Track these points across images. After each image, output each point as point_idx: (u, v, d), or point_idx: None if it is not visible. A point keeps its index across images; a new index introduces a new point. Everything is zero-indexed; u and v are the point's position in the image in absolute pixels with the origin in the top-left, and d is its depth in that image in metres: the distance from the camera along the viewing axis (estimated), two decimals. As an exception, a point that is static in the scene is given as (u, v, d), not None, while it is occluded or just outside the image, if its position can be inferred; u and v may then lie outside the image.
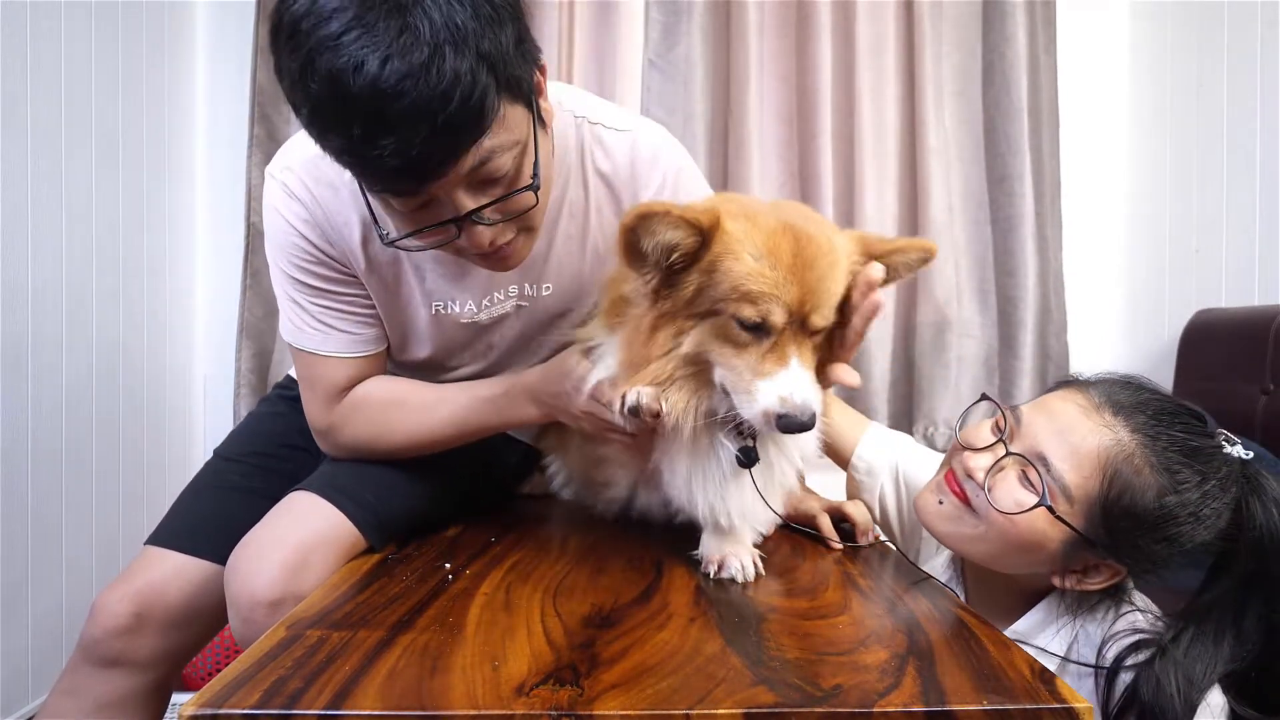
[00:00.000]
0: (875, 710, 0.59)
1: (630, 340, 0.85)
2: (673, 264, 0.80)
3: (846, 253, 0.83)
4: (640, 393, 0.83)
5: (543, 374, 1.02)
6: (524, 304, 1.13)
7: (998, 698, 0.61)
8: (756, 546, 0.96)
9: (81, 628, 1.09)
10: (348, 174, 1.01)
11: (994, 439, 0.94)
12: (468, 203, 0.85)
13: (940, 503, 0.95)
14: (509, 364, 1.19)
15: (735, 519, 0.90)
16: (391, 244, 0.92)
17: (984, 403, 1.04)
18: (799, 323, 0.79)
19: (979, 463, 0.92)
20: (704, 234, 0.78)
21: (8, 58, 1.58)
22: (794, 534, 1.11)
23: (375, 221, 0.95)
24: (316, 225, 1.02)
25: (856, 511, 1.13)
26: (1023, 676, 0.65)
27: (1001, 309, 2.25)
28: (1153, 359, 2.22)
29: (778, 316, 0.77)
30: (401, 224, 0.90)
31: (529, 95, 0.87)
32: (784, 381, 0.77)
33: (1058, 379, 1.03)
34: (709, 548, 0.94)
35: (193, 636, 1.14)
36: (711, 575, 0.91)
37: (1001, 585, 0.99)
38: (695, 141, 2.16)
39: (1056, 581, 0.93)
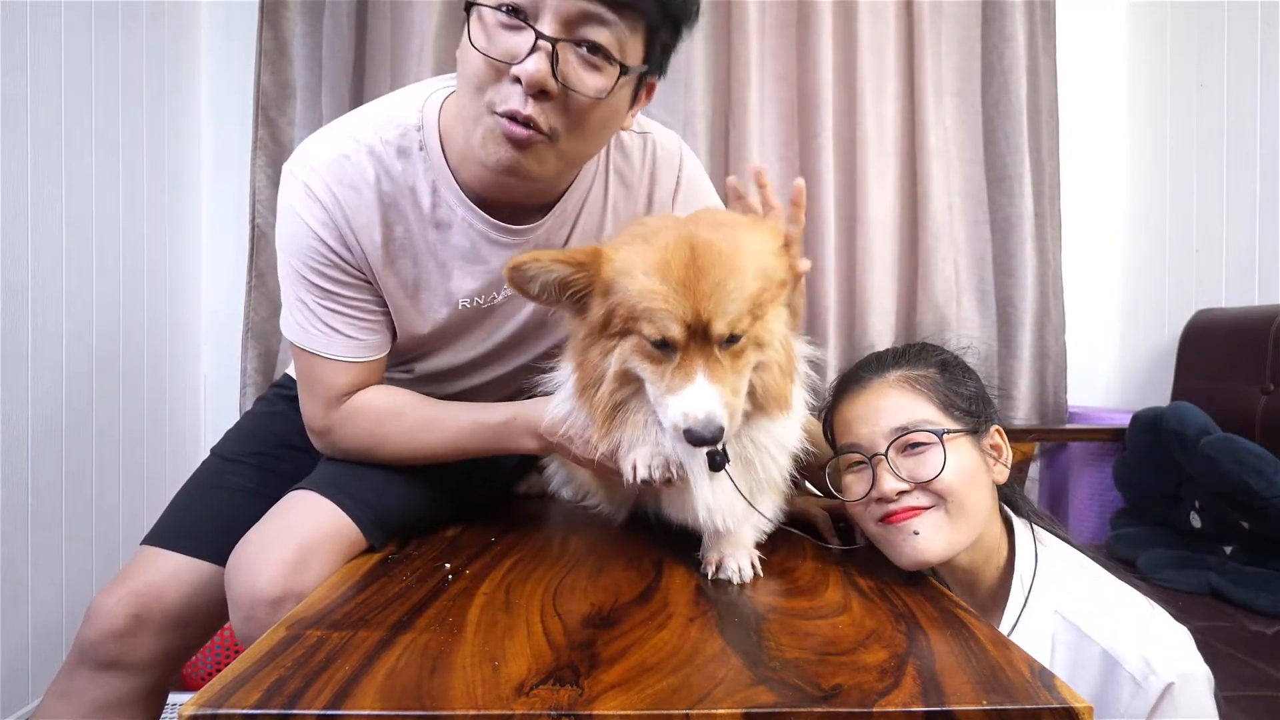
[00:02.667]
0: (875, 710, 0.59)
1: (573, 364, 0.88)
2: (573, 295, 0.84)
3: (761, 253, 0.82)
4: (650, 467, 0.85)
5: (544, 411, 1.00)
6: None
7: (998, 697, 0.61)
8: (758, 546, 0.96)
9: (77, 630, 1.08)
10: (371, 174, 1.02)
11: (863, 469, 1.00)
12: (566, 28, 0.88)
13: (916, 533, 0.95)
14: (502, 356, 1.19)
15: (730, 522, 0.91)
16: (471, 6, 0.92)
17: (834, 463, 1.07)
18: (702, 333, 0.78)
19: (888, 484, 0.95)
20: (585, 266, 0.81)
21: (8, 58, 1.58)
22: (793, 534, 1.11)
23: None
24: (335, 228, 1.02)
25: (856, 511, 1.13)
26: (1022, 676, 0.65)
27: (1001, 309, 2.25)
28: (1153, 359, 2.22)
29: (675, 331, 0.77)
30: (481, 30, 0.91)
31: (654, 66, 0.97)
32: (688, 397, 0.77)
33: (817, 408, 1.07)
34: (707, 548, 0.94)
35: (190, 638, 1.14)
36: (710, 576, 0.91)
37: (973, 586, 1.03)
38: (695, 141, 2.17)
39: (997, 478, 1.01)
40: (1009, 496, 1.07)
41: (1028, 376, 2.23)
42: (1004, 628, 0.95)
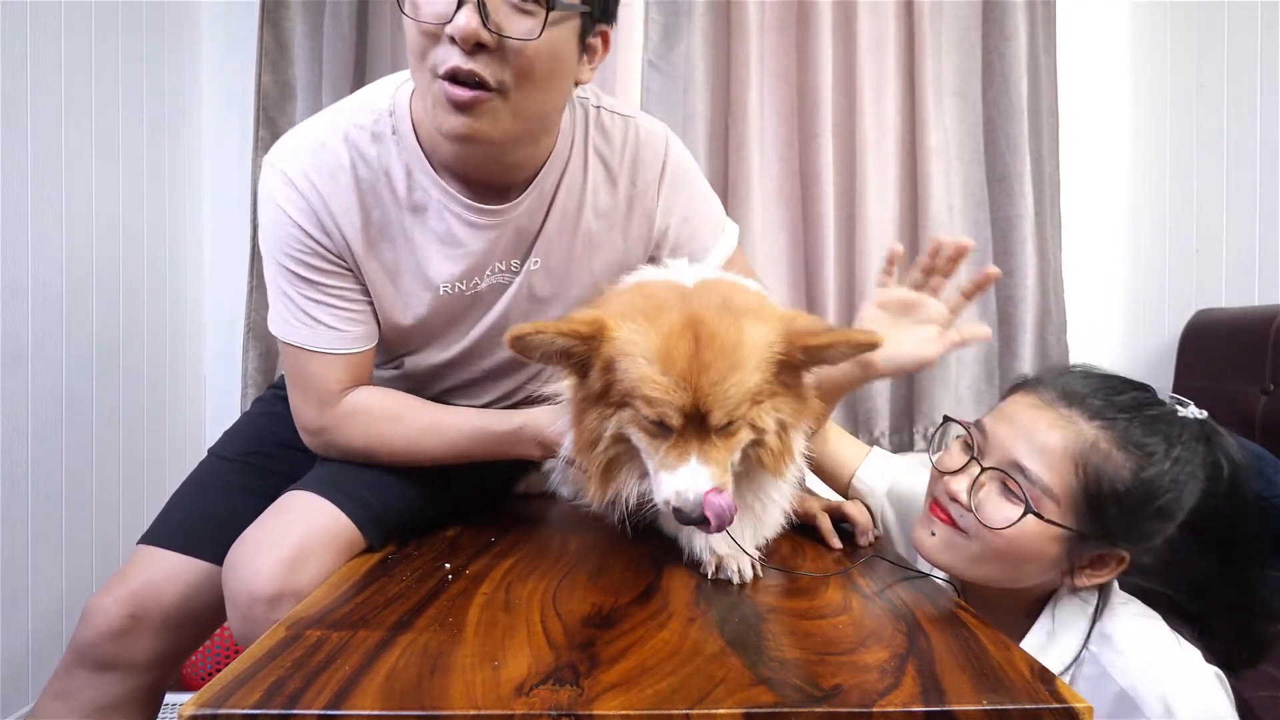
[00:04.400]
0: (875, 710, 0.59)
1: (573, 420, 0.89)
2: (574, 361, 0.84)
3: (761, 345, 0.81)
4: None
5: (552, 421, 1.01)
6: (515, 277, 1.13)
7: (998, 698, 0.61)
8: (758, 548, 0.96)
9: (73, 630, 1.08)
10: (346, 160, 1.02)
11: (966, 458, 0.94)
12: None
13: (933, 534, 0.94)
14: (489, 350, 1.18)
15: (723, 546, 0.92)
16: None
17: (951, 424, 1.04)
18: (699, 420, 0.80)
19: (958, 485, 0.92)
20: (587, 340, 0.81)
21: (8, 58, 1.58)
22: (793, 534, 1.11)
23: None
24: (314, 214, 1.02)
25: (856, 511, 1.13)
26: (1023, 676, 0.65)
27: (1001, 309, 2.25)
28: (1153, 359, 2.22)
29: (674, 419, 0.79)
30: (411, 1, 0.91)
31: (596, 8, 0.96)
32: (680, 477, 0.80)
33: (1011, 383, 1.03)
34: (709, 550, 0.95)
35: (188, 638, 1.14)
36: (710, 576, 0.91)
37: (1001, 603, 0.97)
38: (695, 141, 2.17)
39: (1068, 582, 0.92)
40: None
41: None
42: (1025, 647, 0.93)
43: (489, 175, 1.05)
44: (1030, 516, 0.86)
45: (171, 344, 2.14)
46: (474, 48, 0.89)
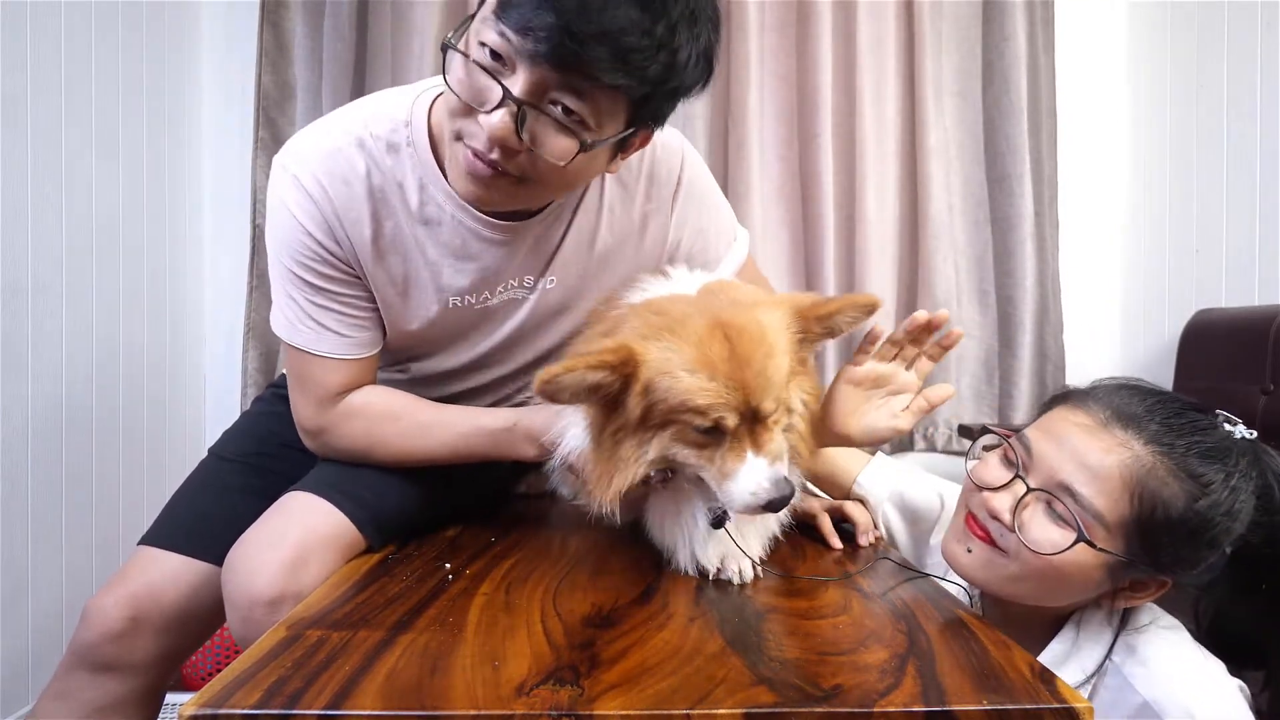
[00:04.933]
0: (875, 710, 0.59)
1: (595, 455, 0.86)
2: (606, 396, 0.82)
3: (782, 330, 0.85)
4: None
5: (546, 420, 1.00)
6: (529, 295, 1.13)
7: (998, 698, 0.61)
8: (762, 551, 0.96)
9: (73, 631, 1.08)
10: (361, 167, 1.01)
11: (1008, 473, 0.90)
12: (535, 94, 0.85)
13: (969, 551, 0.91)
14: (499, 359, 1.18)
15: (715, 561, 0.91)
16: (446, 48, 0.89)
17: (987, 433, 1.00)
18: (752, 415, 0.81)
19: (1001, 504, 0.88)
20: (617, 369, 0.79)
21: (8, 58, 1.58)
22: (794, 534, 1.10)
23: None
24: (325, 222, 1.01)
25: (857, 511, 1.13)
26: (1023, 676, 0.65)
27: (1001, 309, 2.25)
28: (1153, 359, 2.22)
29: (730, 420, 0.80)
30: (460, 65, 0.88)
31: (642, 126, 0.94)
32: (749, 476, 0.81)
33: (1053, 394, 1.00)
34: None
35: (188, 639, 1.14)
36: (710, 576, 0.91)
37: (1022, 614, 0.95)
38: (695, 141, 2.16)
39: (1107, 604, 0.90)
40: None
41: (1028, 376, 2.23)
42: (1044, 659, 0.91)
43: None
44: (1088, 549, 0.83)
45: (171, 344, 2.14)
46: (502, 147, 0.88)
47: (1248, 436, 0.89)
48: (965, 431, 2.20)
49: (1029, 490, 0.87)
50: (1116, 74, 2.35)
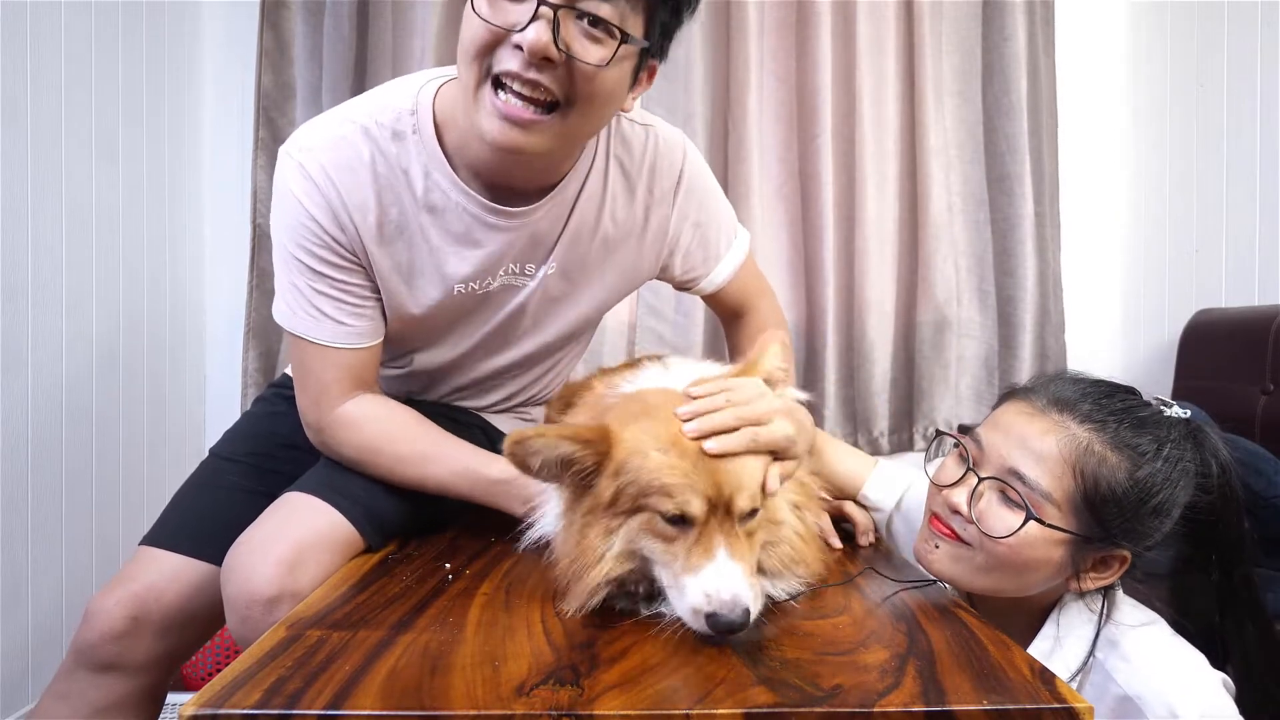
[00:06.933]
0: (875, 710, 0.59)
1: (565, 542, 0.82)
2: (578, 473, 0.79)
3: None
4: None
5: (542, 486, 0.98)
6: (530, 280, 1.13)
7: (998, 698, 0.61)
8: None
9: (75, 631, 1.08)
10: (366, 154, 1.02)
11: (962, 469, 0.94)
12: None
13: (936, 547, 0.94)
14: (491, 350, 1.19)
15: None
16: None
17: (944, 439, 1.03)
18: (724, 509, 0.76)
19: (957, 497, 0.92)
20: (591, 444, 0.77)
21: (8, 58, 1.58)
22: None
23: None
24: (329, 208, 1.02)
25: (857, 512, 1.13)
26: (1023, 676, 0.65)
27: (1001, 309, 2.25)
28: (1152, 359, 2.22)
29: (696, 506, 0.74)
30: (486, 3, 0.90)
31: (654, 46, 0.97)
32: (709, 576, 0.73)
33: (1001, 393, 1.03)
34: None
35: (189, 639, 1.14)
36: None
37: (1006, 613, 0.97)
38: (695, 142, 2.15)
39: (1074, 586, 0.92)
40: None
41: (1028, 377, 2.23)
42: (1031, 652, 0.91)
43: (513, 180, 1.05)
44: (1032, 523, 0.87)
45: (171, 344, 2.14)
46: (540, 61, 0.89)
47: (1181, 414, 0.93)
48: (965, 431, 2.20)
49: (980, 480, 0.91)
50: (1116, 74, 2.35)
